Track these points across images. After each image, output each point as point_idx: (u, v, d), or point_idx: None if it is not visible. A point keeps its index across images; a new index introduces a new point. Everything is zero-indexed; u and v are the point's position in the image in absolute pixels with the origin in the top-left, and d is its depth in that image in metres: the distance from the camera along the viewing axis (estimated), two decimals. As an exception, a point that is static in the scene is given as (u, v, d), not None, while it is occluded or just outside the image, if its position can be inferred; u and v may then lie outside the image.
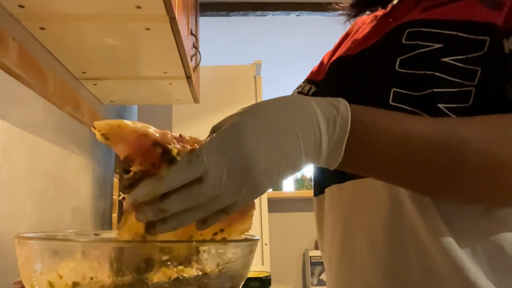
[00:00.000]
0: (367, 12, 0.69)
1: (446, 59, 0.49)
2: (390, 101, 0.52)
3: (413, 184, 0.46)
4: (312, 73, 0.77)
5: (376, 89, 0.55)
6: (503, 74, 0.47)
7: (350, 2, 0.69)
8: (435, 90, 0.49)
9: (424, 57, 0.51)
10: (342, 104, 0.41)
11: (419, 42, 0.51)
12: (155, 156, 0.36)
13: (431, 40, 0.51)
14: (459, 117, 0.47)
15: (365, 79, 0.59)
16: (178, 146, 0.37)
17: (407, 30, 0.53)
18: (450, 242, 0.47)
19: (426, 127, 0.43)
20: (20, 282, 0.49)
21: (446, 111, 0.48)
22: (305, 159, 0.39)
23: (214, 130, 0.40)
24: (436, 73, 0.49)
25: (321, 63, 0.75)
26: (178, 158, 0.36)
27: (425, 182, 0.45)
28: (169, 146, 0.36)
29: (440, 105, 0.49)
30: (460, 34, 0.49)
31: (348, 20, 0.70)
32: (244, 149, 0.36)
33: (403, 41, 0.53)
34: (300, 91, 0.76)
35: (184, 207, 0.36)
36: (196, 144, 0.39)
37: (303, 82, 0.78)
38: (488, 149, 0.42)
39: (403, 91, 0.52)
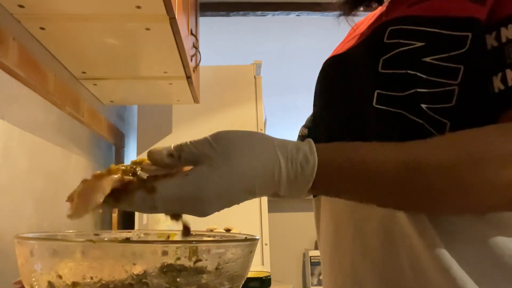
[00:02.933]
0: (361, 9, 0.67)
1: (427, 59, 0.48)
2: (374, 104, 0.52)
3: (380, 205, 0.48)
4: None
5: (361, 91, 0.55)
6: (485, 70, 0.46)
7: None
8: (418, 90, 0.48)
9: (405, 56, 0.50)
10: (312, 158, 0.42)
11: (400, 41, 0.50)
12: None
13: (412, 38, 0.49)
14: (425, 140, 0.45)
15: (351, 80, 0.58)
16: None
17: (389, 29, 0.52)
18: (440, 247, 0.46)
19: (389, 158, 0.43)
20: (20, 282, 0.49)
21: (430, 112, 0.47)
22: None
23: (178, 151, 0.41)
24: (418, 73, 0.48)
25: None
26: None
27: (392, 205, 0.47)
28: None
29: (423, 106, 0.48)
30: (441, 31, 0.48)
31: (342, 16, 0.68)
32: (198, 203, 0.40)
33: (385, 40, 0.52)
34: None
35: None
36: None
37: None
38: (453, 175, 0.42)
39: (387, 93, 0.51)
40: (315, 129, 0.67)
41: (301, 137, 0.76)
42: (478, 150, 0.42)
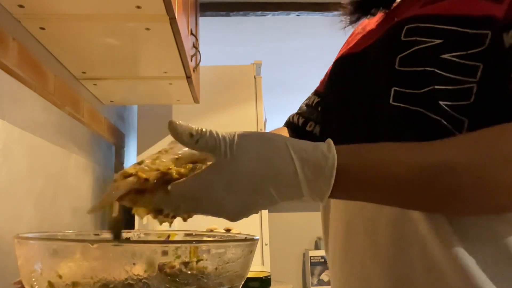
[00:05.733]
0: (369, 16, 0.67)
1: (445, 56, 0.48)
2: (391, 101, 0.51)
3: (403, 207, 0.47)
4: (320, 83, 0.77)
5: (377, 89, 0.54)
6: (503, 69, 0.46)
7: (349, 7, 0.67)
8: (436, 87, 0.48)
9: (423, 54, 0.50)
10: (331, 156, 0.41)
11: (418, 38, 0.50)
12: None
13: (430, 35, 0.49)
14: (451, 140, 0.45)
15: (366, 78, 0.58)
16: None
17: (406, 27, 0.52)
18: (457, 246, 0.46)
19: (415, 160, 0.43)
20: (20, 282, 0.49)
21: (448, 109, 0.47)
22: (281, 202, 0.42)
23: (198, 135, 0.42)
24: (436, 70, 0.48)
25: (326, 73, 0.75)
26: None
27: (416, 207, 0.47)
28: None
29: (441, 103, 0.47)
30: (460, 29, 0.48)
31: (348, 26, 0.68)
32: (213, 203, 0.41)
33: (402, 38, 0.52)
34: (307, 103, 0.77)
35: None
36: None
37: (312, 93, 0.78)
38: (482, 175, 0.42)
39: (404, 90, 0.51)
40: (327, 128, 0.67)
41: (288, 123, 0.78)
42: (506, 149, 0.42)
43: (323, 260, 2.42)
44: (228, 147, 0.41)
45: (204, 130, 0.41)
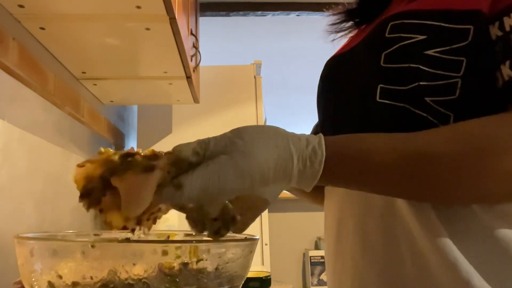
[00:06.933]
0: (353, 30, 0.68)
1: (429, 52, 0.48)
2: (378, 98, 0.52)
3: (388, 195, 0.49)
4: None
5: (364, 87, 0.55)
6: (491, 61, 0.46)
7: (343, 15, 0.68)
8: (421, 83, 0.48)
9: (407, 50, 0.50)
10: (320, 152, 0.43)
11: (402, 35, 0.50)
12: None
13: (414, 31, 0.50)
14: (435, 130, 0.46)
15: (354, 77, 0.58)
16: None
17: (390, 23, 0.52)
18: (444, 240, 0.46)
19: (399, 148, 0.44)
20: (20, 282, 0.49)
21: (434, 104, 0.48)
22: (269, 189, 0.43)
23: (203, 148, 0.41)
24: (421, 66, 0.48)
25: None
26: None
27: (399, 195, 0.48)
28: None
29: (427, 99, 0.48)
30: (443, 24, 0.48)
31: (338, 37, 0.70)
32: (221, 193, 0.40)
33: (387, 35, 0.52)
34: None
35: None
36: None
37: None
38: (462, 162, 0.42)
39: (390, 87, 0.51)
40: (322, 129, 0.68)
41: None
42: (483, 140, 0.43)
43: (323, 260, 2.42)
44: (238, 141, 0.41)
45: (204, 140, 0.41)
